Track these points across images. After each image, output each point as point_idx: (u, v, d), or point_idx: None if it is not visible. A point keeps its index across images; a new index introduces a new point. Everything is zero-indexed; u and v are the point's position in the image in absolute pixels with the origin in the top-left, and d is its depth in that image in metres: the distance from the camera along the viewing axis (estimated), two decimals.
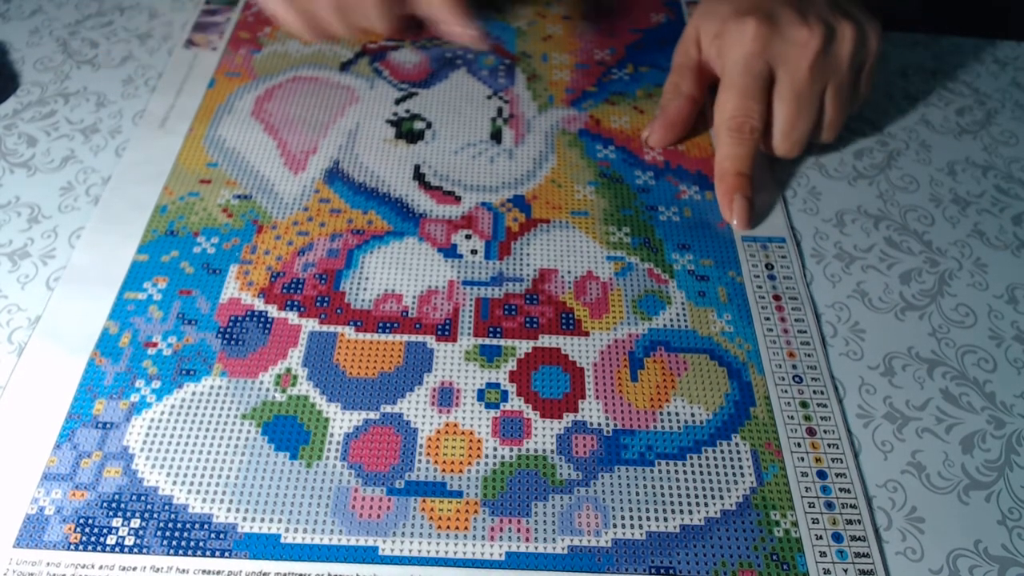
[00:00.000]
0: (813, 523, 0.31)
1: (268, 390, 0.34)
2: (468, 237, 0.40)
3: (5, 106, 0.46)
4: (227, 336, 0.35)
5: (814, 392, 0.35)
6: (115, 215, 0.40)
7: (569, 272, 0.39)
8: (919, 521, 0.31)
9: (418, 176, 0.43)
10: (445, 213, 0.41)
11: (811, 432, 0.33)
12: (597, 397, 0.34)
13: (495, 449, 0.32)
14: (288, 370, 0.34)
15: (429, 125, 0.46)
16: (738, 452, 0.33)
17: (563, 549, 0.30)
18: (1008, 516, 0.31)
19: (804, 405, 0.34)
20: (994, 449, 0.33)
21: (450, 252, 0.39)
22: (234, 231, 0.40)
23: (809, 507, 0.31)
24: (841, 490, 0.32)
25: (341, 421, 0.33)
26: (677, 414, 0.34)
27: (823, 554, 0.30)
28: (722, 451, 0.33)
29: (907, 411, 0.34)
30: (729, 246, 0.40)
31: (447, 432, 0.33)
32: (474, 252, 0.39)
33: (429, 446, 0.32)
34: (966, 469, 0.32)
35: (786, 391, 0.35)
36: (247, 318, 0.36)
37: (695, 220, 0.41)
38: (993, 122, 0.48)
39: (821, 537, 0.30)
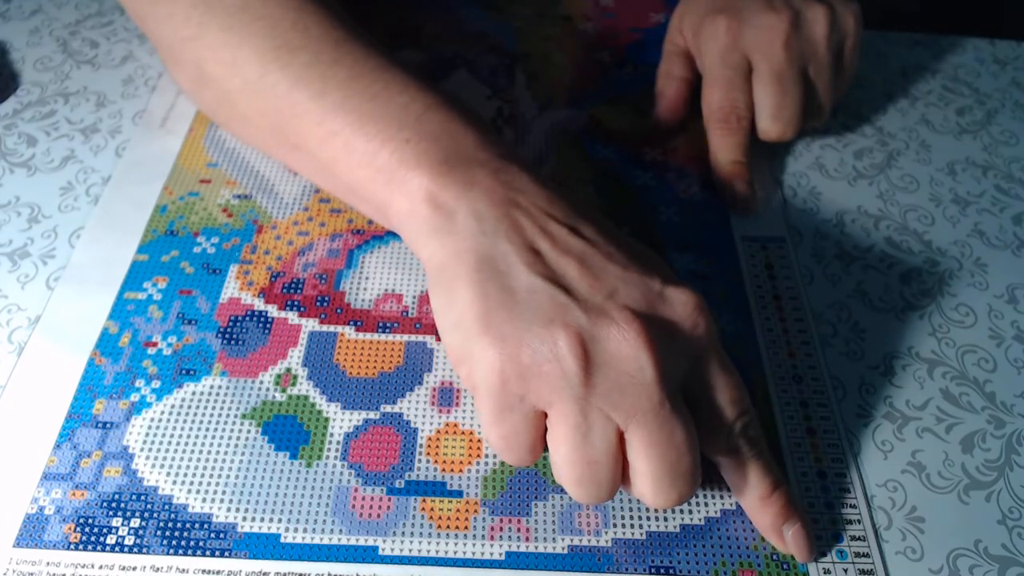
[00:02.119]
0: (813, 523, 0.31)
1: (268, 390, 0.34)
2: None
3: (5, 106, 0.46)
4: (227, 336, 0.35)
5: (814, 392, 0.35)
6: (115, 215, 0.40)
7: None
8: (919, 521, 0.31)
9: None
10: None
11: (811, 432, 0.33)
12: None
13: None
14: (288, 370, 0.34)
15: None
16: None
17: (563, 549, 0.30)
18: (1008, 516, 0.31)
19: (804, 405, 0.34)
20: (994, 449, 0.33)
21: None
22: (234, 231, 0.40)
23: (809, 507, 0.31)
24: (841, 490, 0.32)
25: (341, 421, 0.33)
26: None
27: (823, 554, 0.30)
28: None
29: (907, 411, 0.34)
30: (729, 246, 0.40)
31: (447, 432, 0.33)
32: None
33: (429, 446, 0.32)
34: (966, 469, 0.32)
35: (786, 391, 0.35)
36: (247, 318, 0.36)
37: (696, 220, 0.41)
38: (993, 122, 0.48)
39: (821, 537, 0.30)
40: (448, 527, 0.30)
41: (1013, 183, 0.44)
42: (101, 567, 0.29)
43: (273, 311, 0.36)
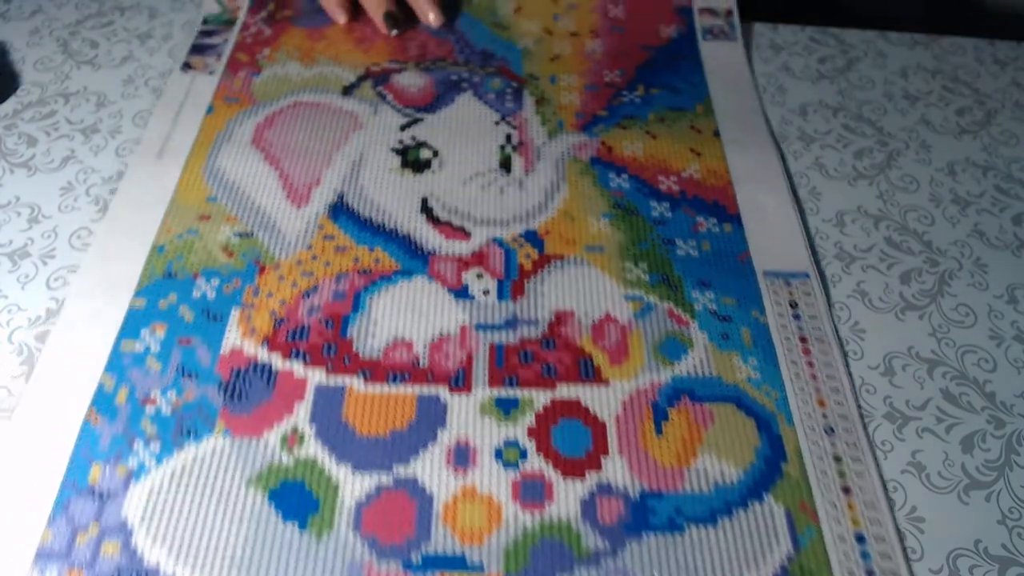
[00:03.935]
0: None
1: (274, 451, 0.32)
2: (480, 276, 0.38)
3: (5, 106, 0.46)
4: (229, 390, 0.33)
5: (847, 444, 0.33)
6: (110, 255, 0.38)
7: (586, 314, 0.37)
8: (919, 521, 0.31)
9: (426, 209, 0.41)
10: (455, 249, 0.39)
11: (847, 490, 0.31)
12: (621, 453, 0.32)
13: (516, 515, 0.30)
14: (295, 428, 0.32)
15: (436, 153, 0.44)
16: (772, 515, 0.31)
17: None
18: (1008, 516, 0.31)
19: (837, 459, 0.32)
20: (994, 449, 0.33)
21: (461, 293, 0.37)
22: (235, 272, 0.38)
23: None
24: (881, 556, 0.30)
25: (352, 486, 0.31)
26: (706, 472, 0.32)
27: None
28: (755, 513, 0.31)
29: (907, 411, 0.34)
30: (751, 282, 0.38)
31: (464, 497, 0.31)
32: (486, 293, 0.37)
33: (446, 513, 0.30)
34: (966, 469, 0.32)
35: (818, 444, 0.33)
36: (250, 370, 0.34)
37: (714, 254, 0.39)
38: (993, 122, 0.48)
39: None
40: None
41: (1013, 183, 0.44)
42: None
43: (277, 362, 0.34)
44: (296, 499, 0.30)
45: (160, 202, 0.41)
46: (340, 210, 0.41)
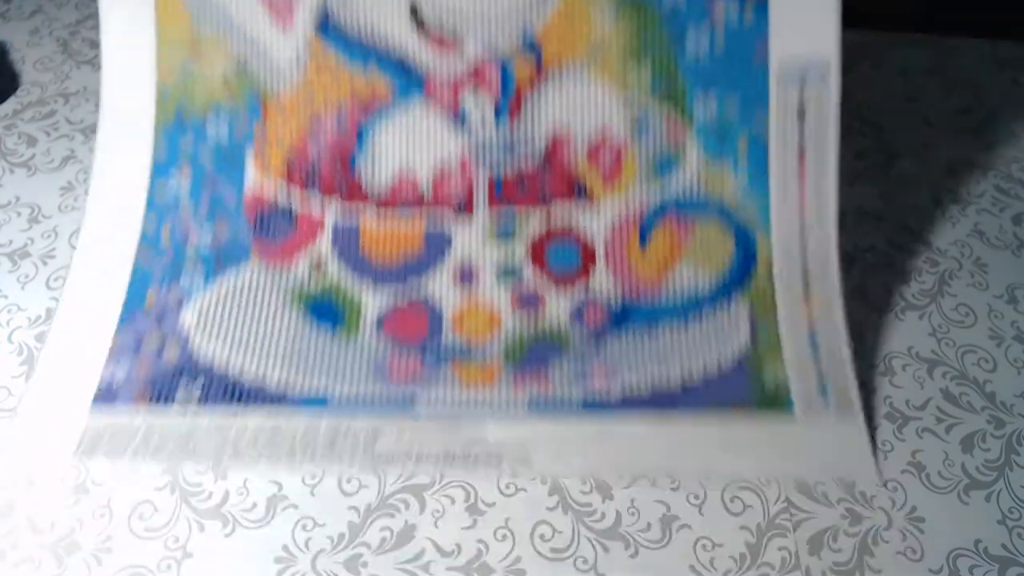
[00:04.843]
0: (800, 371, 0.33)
1: (304, 276, 0.36)
2: (475, 94, 0.38)
3: (5, 106, 0.46)
4: (257, 226, 0.37)
5: (816, 249, 0.35)
6: (121, 108, 0.38)
7: (583, 135, 0.37)
8: (919, 521, 0.31)
9: (414, 15, 0.38)
10: (448, 64, 0.38)
11: (806, 290, 0.35)
12: (608, 267, 0.36)
13: (513, 323, 0.35)
14: (320, 254, 0.37)
15: None
16: (736, 313, 0.35)
17: (579, 400, 0.33)
18: (1008, 516, 0.31)
19: (806, 273, 0.35)
20: (994, 449, 0.33)
21: (459, 118, 0.38)
22: (240, 109, 0.38)
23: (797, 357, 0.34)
24: (828, 351, 0.34)
25: (373, 301, 0.36)
26: (683, 279, 0.36)
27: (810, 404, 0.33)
28: (722, 312, 0.35)
29: (907, 411, 0.34)
30: (760, 86, 0.36)
31: (470, 309, 0.36)
32: (483, 116, 0.38)
33: (455, 321, 0.36)
34: (966, 469, 0.32)
35: (789, 252, 0.35)
36: (275, 210, 0.37)
37: (727, 55, 0.36)
38: (993, 122, 0.48)
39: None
40: (476, 381, 0.34)
41: (1013, 183, 0.44)
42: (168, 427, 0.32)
43: (296, 203, 0.37)
44: (327, 310, 0.36)
45: (145, 36, 0.38)
46: (327, 27, 0.39)
